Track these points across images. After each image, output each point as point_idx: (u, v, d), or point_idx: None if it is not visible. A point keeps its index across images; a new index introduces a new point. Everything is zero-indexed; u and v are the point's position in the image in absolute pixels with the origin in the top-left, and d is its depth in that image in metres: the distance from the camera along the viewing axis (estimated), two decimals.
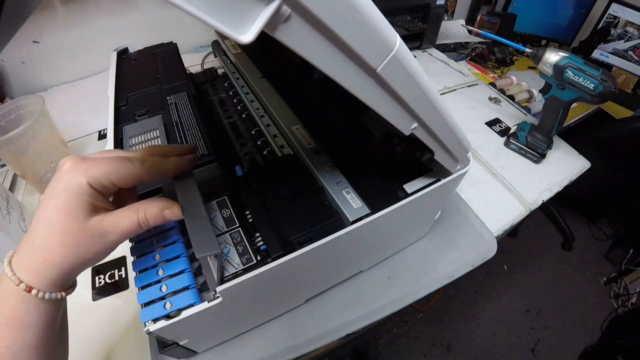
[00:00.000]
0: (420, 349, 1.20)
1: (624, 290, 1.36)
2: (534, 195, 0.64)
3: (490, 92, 0.90)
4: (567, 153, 0.74)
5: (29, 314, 0.22)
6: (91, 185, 0.22)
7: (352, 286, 0.49)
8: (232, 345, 0.42)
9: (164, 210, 0.25)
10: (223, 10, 0.15)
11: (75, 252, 0.22)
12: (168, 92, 0.47)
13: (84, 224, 0.22)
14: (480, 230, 0.57)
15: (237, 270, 0.32)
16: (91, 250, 0.23)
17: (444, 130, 0.30)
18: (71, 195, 0.21)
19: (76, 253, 0.22)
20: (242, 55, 0.61)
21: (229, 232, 0.34)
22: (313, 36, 0.18)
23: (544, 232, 1.59)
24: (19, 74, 0.83)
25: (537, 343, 1.23)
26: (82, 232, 0.22)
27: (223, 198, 0.37)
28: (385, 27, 0.20)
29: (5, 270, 0.22)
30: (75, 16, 0.81)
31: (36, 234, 0.22)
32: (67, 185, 0.22)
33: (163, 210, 0.25)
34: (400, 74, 0.23)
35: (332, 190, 0.38)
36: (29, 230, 0.22)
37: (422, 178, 0.40)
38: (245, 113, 0.53)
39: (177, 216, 0.26)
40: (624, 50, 1.22)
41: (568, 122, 1.05)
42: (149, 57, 0.55)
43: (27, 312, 0.22)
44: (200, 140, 0.40)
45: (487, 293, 1.36)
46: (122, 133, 0.41)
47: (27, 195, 0.61)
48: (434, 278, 0.51)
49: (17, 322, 0.21)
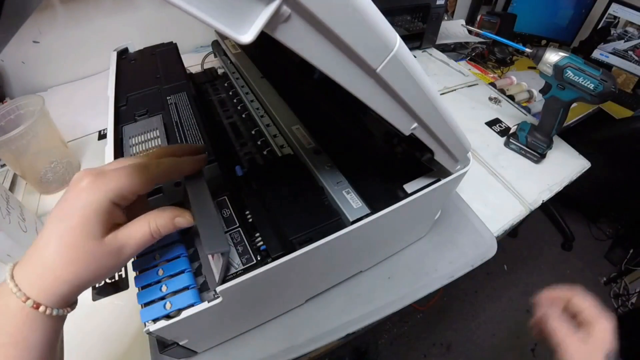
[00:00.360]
0: (420, 349, 1.20)
1: (624, 290, 1.35)
2: (534, 195, 0.64)
3: (490, 92, 0.90)
4: (567, 153, 0.74)
5: (34, 331, 0.21)
6: (113, 201, 0.22)
7: (352, 286, 0.49)
8: (232, 345, 0.42)
9: (174, 218, 0.25)
10: (223, 10, 0.15)
11: (88, 269, 0.22)
12: (168, 92, 0.47)
13: (100, 241, 0.22)
14: (480, 230, 0.57)
15: (237, 270, 0.32)
16: (105, 266, 0.23)
17: (444, 130, 0.30)
18: (89, 214, 0.21)
19: (89, 270, 0.22)
20: (242, 55, 0.61)
21: (229, 232, 0.34)
22: (313, 36, 0.18)
23: (544, 232, 1.59)
24: (19, 74, 0.83)
25: (537, 343, 1.23)
26: (97, 250, 0.22)
27: (223, 198, 0.37)
28: (385, 27, 0.20)
29: (7, 285, 0.21)
30: (75, 16, 0.81)
31: (46, 251, 0.21)
32: (85, 203, 0.21)
33: (174, 219, 0.25)
34: (400, 74, 0.23)
35: (332, 190, 0.38)
36: (35, 244, 0.22)
37: (422, 178, 0.40)
38: (245, 113, 0.53)
39: (189, 223, 0.26)
40: (624, 50, 1.22)
41: (568, 122, 1.05)
42: (149, 57, 0.55)
43: (31, 330, 0.21)
44: (200, 140, 0.40)
45: (487, 293, 1.36)
46: (122, 133, 0.41)
47: (27, 195, 0.61)
48: (434, 278, 0.51)
49: (22, 340, 0.21)
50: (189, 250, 0.32)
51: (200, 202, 0.28)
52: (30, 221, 0.51)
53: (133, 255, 0.24)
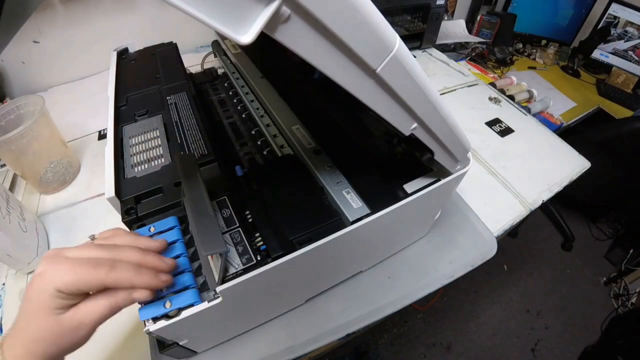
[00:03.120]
0: (420, 349, 1.20)
1: (624, 290, 1.35)
2: (534, 195, 0.64)
3: (490, 92, 0.90)
4: (567, 153, 0.74)
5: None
6: (60, 291, 0.24)
7: (352, 286, 0.49)
8: (232, 345, 0.42)
9: (132, 294, 0.26)
10: (222, 11, 0.15)
11: (54, 345, 0.24)
12: (168, 92, 0.47)
13: (58, 320, 0.24)
14: (480, 230, 0.57)
15: (237, 270, 0.32)
16: (68, 341, 0.25)
17: (443, 130, 0.30)
18: (43, 300, 0.24)
19: (55, 345, 0.24)
20: (242, 55, 0.61)
21: (229, 232, 0.34)
22: (312, 37, 0.18)
23: (544, 232, 1.58)
24: (19, 74, 0.83)
25: (537, 343, 1.23)
26: (57, 328, 0.24)
27: (223, 198, 0.37)
28: (385, 27, 0.20)
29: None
30: (75, 16, 0.81)
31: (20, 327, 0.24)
32: (38, 294, 0.24)
33: (132, 294, 0.26)
34: (400, 75, 0.23)
35: (332, 190, 0.38)
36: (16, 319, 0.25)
37: (422, 178, 0.40)
38: (245, 113, 0.53)
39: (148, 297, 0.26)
40: (624, 50, 1.22)
41: (568, 122, 1.05)
42: (149, 57, 0.55)
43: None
44: (200, 140, 0.40)
45: (487, 293, 1.36)
46: (122, 133, 0.41)
47: (27, 195, 0.61)
48: (434, 278, 0.51)
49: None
50: (189, 250, 0.32)
51: (197, 202, 0.28)
52: (30, 221, 0.51)
53: (94, 328, 0.26)
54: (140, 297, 0.26)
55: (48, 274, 0.24)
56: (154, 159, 0.39)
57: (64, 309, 0.24)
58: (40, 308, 0.24)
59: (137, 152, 0.39)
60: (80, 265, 0.24)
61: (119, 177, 0.36)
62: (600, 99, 1.19)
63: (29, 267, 0.49)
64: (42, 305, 0.24)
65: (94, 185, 0.62)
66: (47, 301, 0.24)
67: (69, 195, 0.61)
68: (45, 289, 0.24)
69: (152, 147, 0.40)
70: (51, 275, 0.24)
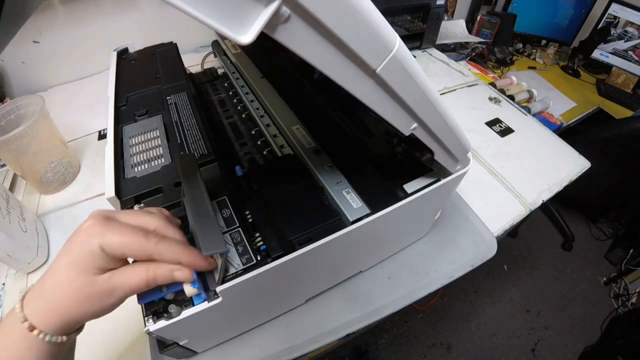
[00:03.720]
0: (420, 349, 1.20)
1: (624, 290, 1.35)
2: (534, 195, 0.64)
3: (490, 92, 0.90)
4: (567, 153, 0.74)
5: (29, 351, 0.22)
6: (104, 250, 0.23)
7: (352, 286, 0.49)
8: (232, 345, 0.42)
9: (174, 272, 0.25)
10: (222, 11, 0.15)
11: (81, 306, 0.23)
12: (168, 92, 0.47)
13: (92, 280, 0.23)
14: (480, 230, 0.57)
15: (237, 270, 0.32)
16: (97, 305, 0.23)
17: (443, 130, 0.30)
18: (84, 255, 0.22)
19: (81, 307, 0.23)
20: (242, 55, 0.61)
21: (229, 232, 0.34)
22: (312, 37, 0.18)
23: (544, 232, 1.58)
24: (19, 74, 0.83)
25: (537, 343, 1.23)
26: (89, 289, 0.23)
27: (223, 198, 0.37)
28: (384, 27, 0.20)
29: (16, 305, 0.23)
30: (75, 16, 0.81)
31: (48, 282, 0.23)
32: (81, 247, 0.23)
33: (173, 272, 0.25)
34: (399, 75, 0.23)
35: (332, 190, 0.38)
36: (44, 273, 0.23)
37: (422, 178, 0.40)
38: (245, 113, 0.53)
39: (188, 278, 0.25)
40: (624, 50, 1.22)
41: (568, 122, 1.05)
42: (149, 57, 0.55)
43: (27, 349, 0.22)
44: (200, 140, 0.40)
45: (487, 293, 1.36)
46: (122, 133, 0.41)
47: (27, 195, 0.61)
48: (434, 278, 0.51)
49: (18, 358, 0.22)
50: None
51: (197, 202, 0.28)
52: (30, 221, 0.51)
53: (125, 298, 0.24)
54: (182, 276, 0.25)
55: (96, 229, 0.23)
56: (154, 159, 0.39)
57: (101, 271, 0.23)
58: (77, 262, 0.22)
59: (137, 152, 0.39)
60: (132, 231, 0.23)
61: (119, 177, 0.36)
62: (600, 99, 1.19)
63: (29, 267, 0.49)
64: (80, 260, 0.22)
65: (94, 185, 0.62)
66: (87, 257, 0.22)
67: (69, 195, 0.61)
68: (89, 244, 0.22)
69: (152, 147, 0.40)
70: (99, 231, 0.23)
